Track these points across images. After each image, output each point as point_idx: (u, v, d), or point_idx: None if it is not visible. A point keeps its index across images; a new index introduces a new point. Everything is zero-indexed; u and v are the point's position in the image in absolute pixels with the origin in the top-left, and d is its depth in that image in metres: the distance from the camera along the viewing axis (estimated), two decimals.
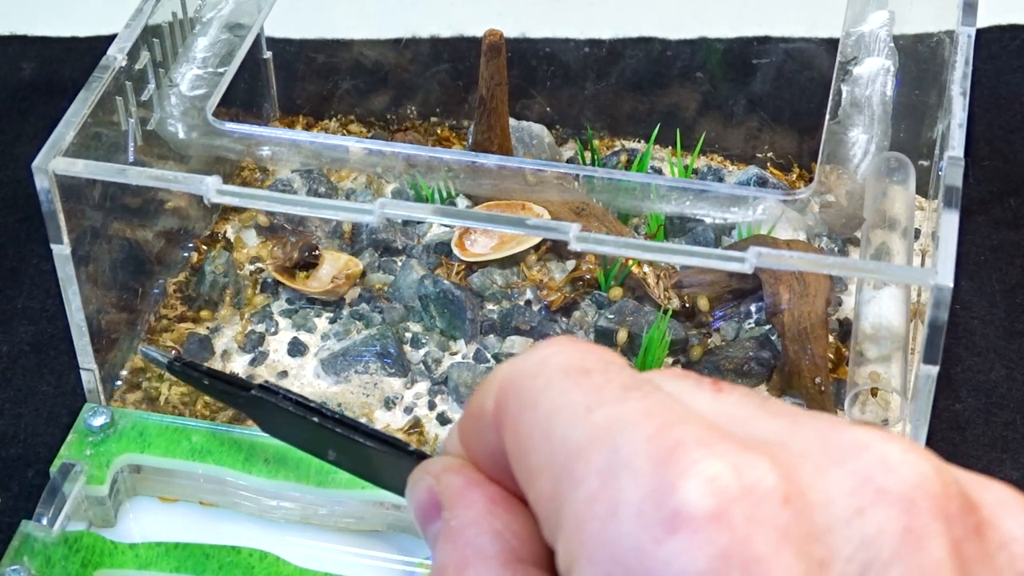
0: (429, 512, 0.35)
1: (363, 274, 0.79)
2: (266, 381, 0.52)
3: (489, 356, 0.75)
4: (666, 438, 0.29)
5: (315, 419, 0.47)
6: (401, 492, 0.38)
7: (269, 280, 0.79)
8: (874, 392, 0.69)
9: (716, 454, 0.29)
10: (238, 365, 0.75)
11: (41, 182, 0.63)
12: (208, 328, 0.77)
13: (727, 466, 0.28)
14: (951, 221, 0.60)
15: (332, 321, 0.77)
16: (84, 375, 0.71)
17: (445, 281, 0.76)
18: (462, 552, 0.33)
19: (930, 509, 0.29)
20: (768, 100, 0.89)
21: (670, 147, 0.86)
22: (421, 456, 0.40)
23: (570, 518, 0.30)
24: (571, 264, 0.78)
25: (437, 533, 0.34)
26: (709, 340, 0.75)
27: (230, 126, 0.71)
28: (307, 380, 0.74)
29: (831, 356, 0.73)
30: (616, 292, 0.76)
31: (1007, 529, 0.30)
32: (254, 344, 0.76)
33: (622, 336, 0.73)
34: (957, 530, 0.29)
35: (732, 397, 0.32)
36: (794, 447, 0.30)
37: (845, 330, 0.75)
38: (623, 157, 0.86)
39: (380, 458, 0.43)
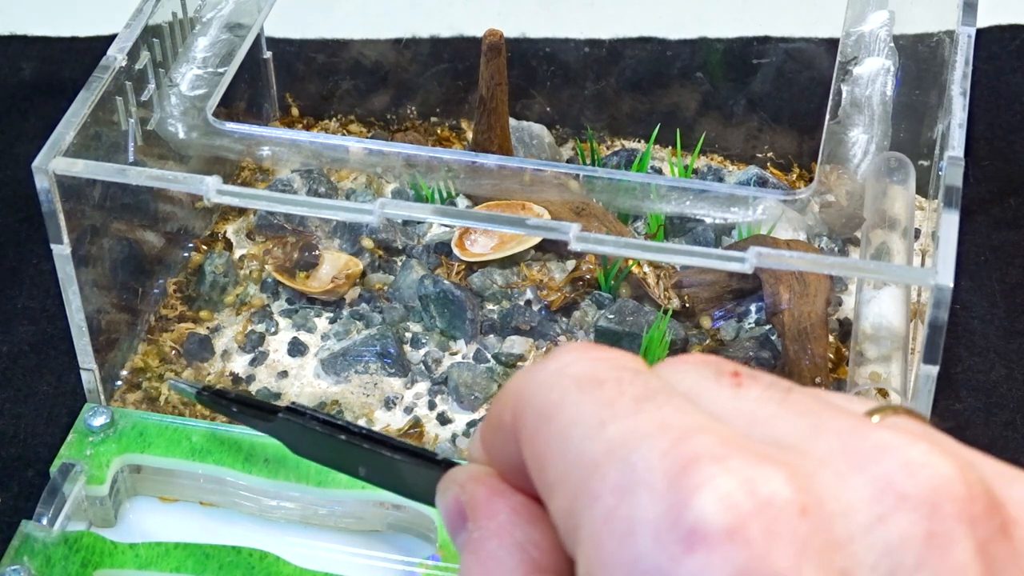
0: (456, 522, 0.35)
1: (363, 274, 0.79)
2: (293, 403, 0.52)
3: (489, 356, 0.75)
4: (680, 453, 0.29)
5: (343, 437, 0.47)
6: (432, 503, 0.38)
7: (269, 280, 0.79)
8: (883, 393, 0.69)
9: (730, 469, 0.28)
10: (238, 365, 0.75)
11: (41, 182, 0.63)
12: (208, 328, 0.77)
13: (741, 481, 0.28)
14: (951, 221, 0.60)
15: (332, 321, 0.77)
16: (84, 375, 0.71)
17: (445, 281, 0.76)
18: (484, 564, 0.33)
19: (953, 512, 0.28)
20: (768, 100, 0.89)
21: (670, 147, 0.86)
22: (449, 465, 0.39)
23: (588, 535, 0.30)
24: (571, 264, 0.78)
25: (463, 543, 0.34)
26: (707, 343, 0.75)
27: (230, 126, 0.71)
28: (307, 380, 0.74)
29: (831, 356, 0.73)
30: (626, 290, 0.76)
31: None
32: (254, 344, 0.76)
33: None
34: (982, 532, 0.28)
35: (753, 392, 0.32)
36: (814, 452, 0.30)
37: (845, 330, 0.75)
38: (615, 160, 0.86)
39: (410, 470, 0.42)
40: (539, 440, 0.32)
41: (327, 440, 0.48)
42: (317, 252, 0.79)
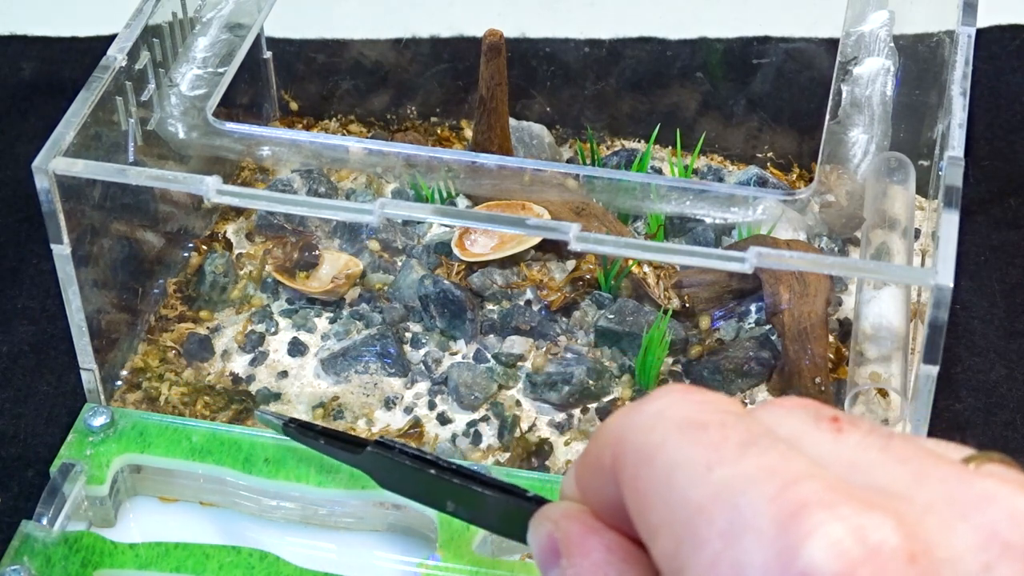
0: (549, 558, 0.36)
1: (363, 274, 0.79)
2: (381, 437, 0.52)
3: (489, 356, 0.75)
4: (788, 499, 0.29)
5: (432, 471, 0.47)
6: (522, 539, 0.38)
7: (269, 280, 0.79)
8: (883, 393, 0.69)
9: (839, 516, 0.29)
10: (238, 365, 0.75)
11: (41, 182, 0.63)
12: (208, 328, 0.77)
13: (851, 527, 0.28)
14: (951, 221, 0.60)
15: (332, 321, 0.77)
16: (84, 375, 0.71)
17: (445, 281, 0.76)
18: None
19: None
20: (768, 100, 0.89)
21: (670, 147, 0.86)
22: (540, 501, 0.40)
23: None
24: (571, 264, 0.78)
25: None
26: (708, 343, 0.75)
27: (230, 126, 0.71)
28: (307, 380, 0.74)
29: (831, 356, 0.73)
30: (627, 290, 0.76)
31: None
32: (254, 344, 0.76)
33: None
34: None
35: (853, 438, 0.32)
36: (919, 500, 0.30)
37: (845, 330, 0.75)
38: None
39: (499, 505, 0.42)
40: (641, 482, 0.32)
41: (416, 474, 0.48)
42: (317, 252, 0.79)
